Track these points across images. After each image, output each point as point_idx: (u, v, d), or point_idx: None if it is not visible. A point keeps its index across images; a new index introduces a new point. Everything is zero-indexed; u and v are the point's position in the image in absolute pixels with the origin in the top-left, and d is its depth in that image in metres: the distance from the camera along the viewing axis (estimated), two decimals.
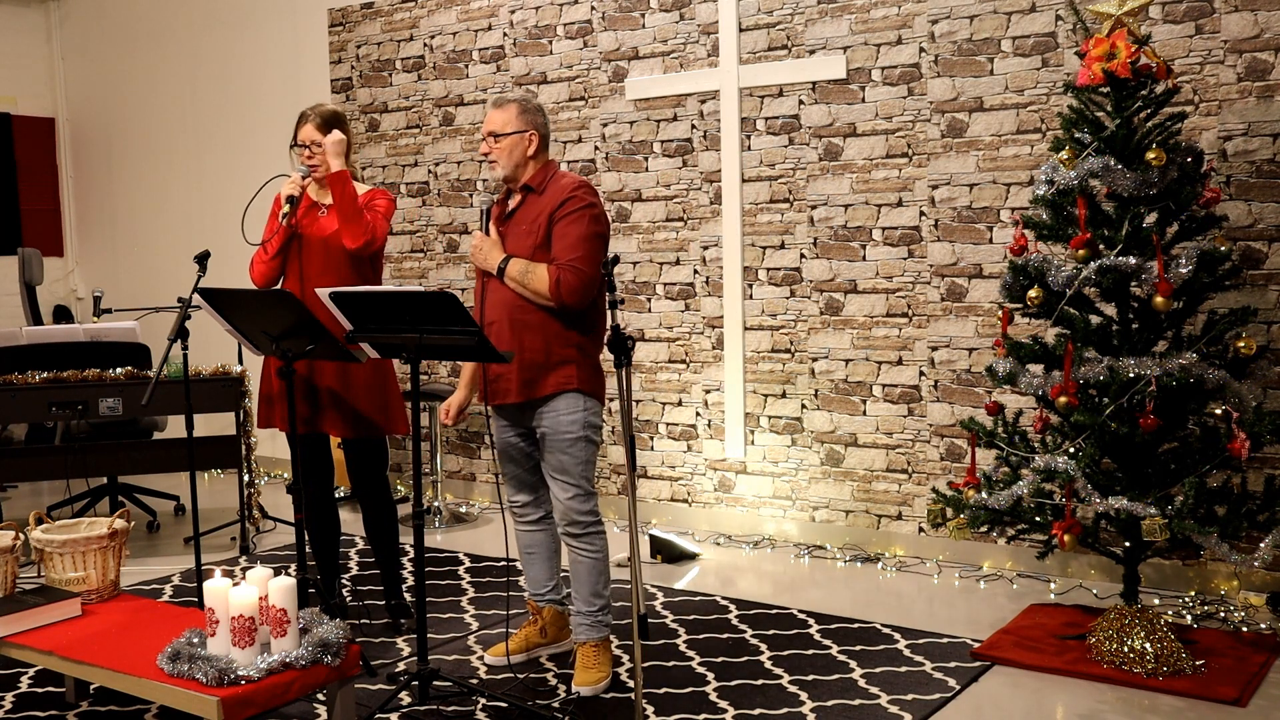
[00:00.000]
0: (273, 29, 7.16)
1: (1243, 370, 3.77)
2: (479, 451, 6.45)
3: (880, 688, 3.65)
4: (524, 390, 3.63)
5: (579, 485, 3.67)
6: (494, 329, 3.64)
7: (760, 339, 5.44)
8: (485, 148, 3.70)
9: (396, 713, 3.52)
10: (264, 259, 4.09)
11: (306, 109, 4.14)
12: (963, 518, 3.89)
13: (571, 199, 3.61)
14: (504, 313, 3.63)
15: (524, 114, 3.68)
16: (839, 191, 5.19)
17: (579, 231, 3.58)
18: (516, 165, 3.69)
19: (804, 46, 5.23)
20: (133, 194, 8.11)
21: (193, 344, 4.10)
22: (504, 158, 3.67)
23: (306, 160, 4.08)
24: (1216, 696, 3.49)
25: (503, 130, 3.66)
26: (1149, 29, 4.38)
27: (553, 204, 3.62)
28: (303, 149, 4.08)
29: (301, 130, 4.09)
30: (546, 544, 3.95)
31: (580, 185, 3.67)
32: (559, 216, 3.59)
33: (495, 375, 3.68)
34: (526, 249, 3.63)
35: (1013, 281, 3.94)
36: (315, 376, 4.08)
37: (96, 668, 3.08)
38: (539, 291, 3.57)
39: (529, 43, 6.07)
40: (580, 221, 3.59)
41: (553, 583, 3.99)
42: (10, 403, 5.17)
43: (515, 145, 3.67)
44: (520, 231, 3.66)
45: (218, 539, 5.70)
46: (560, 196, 3.62)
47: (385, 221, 4.12)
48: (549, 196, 3.65)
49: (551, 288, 3.54)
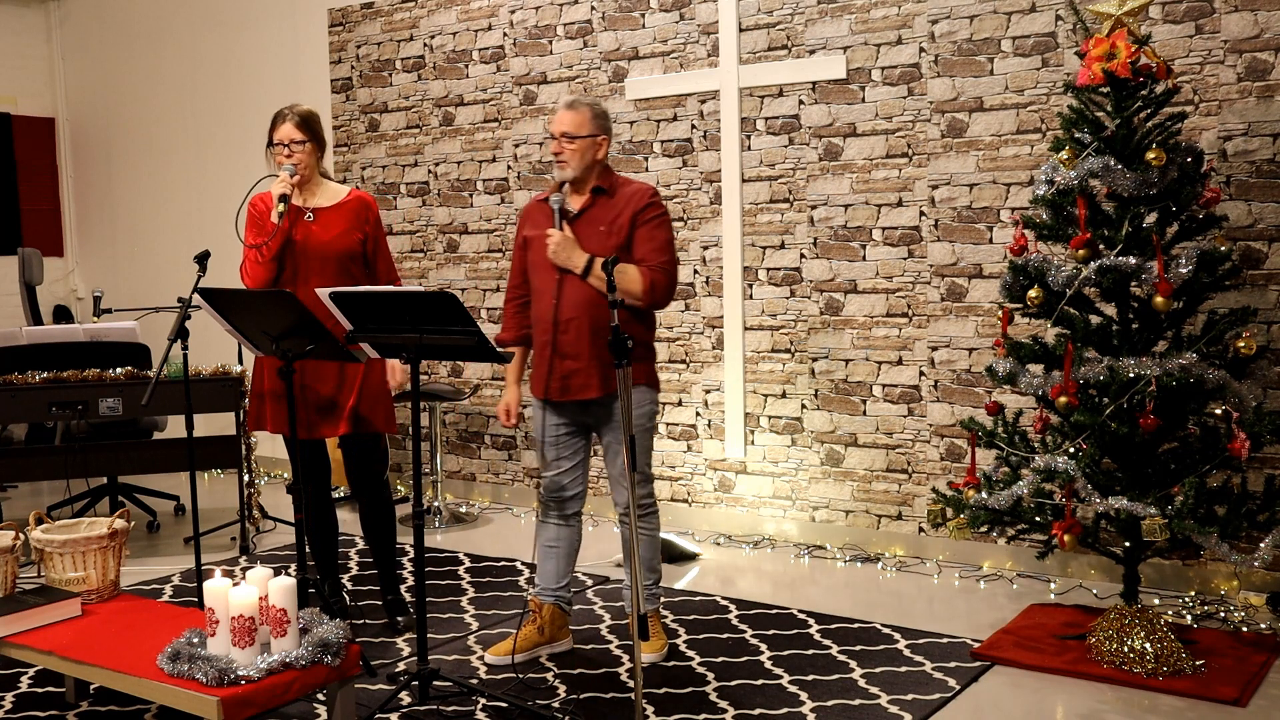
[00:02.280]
0: (273, 29, 7.16)
1: (1243, 370, 3.77)
2: (479, 451, 6.45)
3: (880, 688, 3.65)
4: (604, 385, 3.76)
5: (644, 471, 3.89)
6: (572, 325, 3.75)
7: (760, 339, 5.44)
8: (556, 147, 3.77)
9: (396, 713, 3.52)
10: (261, 261, 4.03)
11: (283, 108, 4.12)
12: (963, 518, 3.89)
13: (653, 204, 3.81)
14: (583, 310, 3.72)
15: (597, 118, 3.80)
16: (839, 191, 5.19)
17: (665, 236, 3.81)
18: (586, 167, 3.79)
19: (804, 46, 5.23)
20: (133, 194, 8.11)
21: (193, 344, 4.10)
22: (576, 159, 3.77)
23: (286, 159, 4.05)
24: (1216, 696, 3.49)
25: (577, 132, 3.76)
26: (1149, 29, 4.38)
27: (633, 207, 3.78)
28: (281, 148, 4.06)
29: (280, 129, 4.07)
30: (570, 541, 4.00)
31: (655, 191, 3.87)
32: (644, 220, 3.78)
33: (569, 371, 3.77)
34: (609, 249, 3.73)
35: (1013, 281, 3.94)
36: (309, 379, 4.07)
37: (96, 668, 3.08)
38: (629, 291, 3.70)
39: (529, 43, 6.07)
40: (664, 227, 3.82)
41: (564, 581, 4.03)
42: (10, 403, 5.17)
43: (588, 148, 3.78)
44: (598, 232, 3.77)
45: (218, 539, 5.70)
46: (639, 200, 3.79)
47: None
48: (622, 199, 3.80)
49: (646, 289, 3.73)
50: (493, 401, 6.37)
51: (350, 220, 4.12)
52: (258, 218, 4.10)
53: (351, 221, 4.12)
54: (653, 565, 3.98)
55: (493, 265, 6.30)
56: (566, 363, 3.77)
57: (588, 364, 3.75)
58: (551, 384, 3.80)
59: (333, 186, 4.20)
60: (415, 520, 3.53)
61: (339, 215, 4.12)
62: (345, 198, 4.16)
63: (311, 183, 4.15)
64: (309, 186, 4.14)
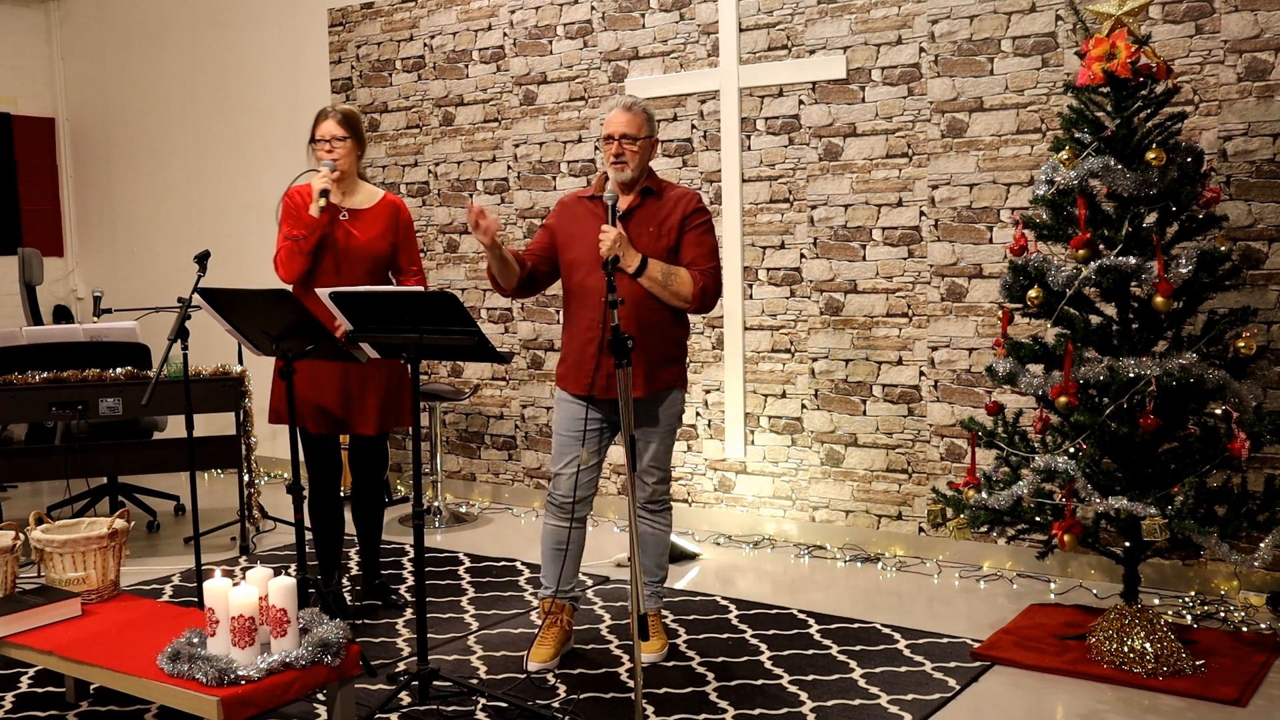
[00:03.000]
0: (273, 29, 7.16)
1: (1243, 370, 3.76)
2: (479, 451, 6.45)
3: (880, 688, 3.65)
4: (648, 385, 3.80)
5: (667, 470, 3.93)
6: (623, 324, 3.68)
7: (760, 339, 5.44)
8: (617, 148, 3.76)
9: (396, 713, 3.52)
10: (299, 252, 4.10)
11: (326, 106, 4.26)
12: (963, 518, 3.89)
13: (701, 209, 3.86)
14: (630, 309, 3.71)
15: (650, 120, 3.84)
16: (839, 191, 5.19)
17: (712, 241, 3.86)
18: (641, 169, 3.81)
19: (804, 46, 5.23)
20: (133, 194, 8.11)
21: (193, 344, 4.11)
22: (635, 161, 3.78)
23: (326, 154, 4.15)
24: (1216, 696, 3.49)
25: (638, 134, 3.78)
26: (1149, 29, 4.38)
27: (681, 210, 3.82)
28: (323, 144, 4.16)
29: (322, 125, 4.18)
30: (579, 542, 4.00)
31: (699, 195, 3.93)
32: (692, 224, 3.82)
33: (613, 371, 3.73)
34: (659, 251, 3.77)
35: (1013, 281, 3.94)
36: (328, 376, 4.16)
37: (96, 668, 3.08)
38: (679, 293, 3.75)
39: (529, 43, 6.07)
40: (711, 232, 3.87)
41: (575, 579, 4.04)
42: (10, 403, 5.17)
43: (645, 150, 3.81)
44: (648, 233, 3.79)
45: (218, 539, 5.70)
46: (687, 204, 3.83)
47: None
48: (670, 202, 3.83)
49: (696, 293, 3.77)
50: (493, 401, 6.37)
51: (384, 225, 4.25)
52: (294, 210, 4.16)
53: (386, 226, 4.25)
54: (662, 563, 4.01)
55: None
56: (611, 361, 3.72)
57: (636, 364, 3.75)
58: (597, 381, 3.79)
59: (368, 188, 4.31)
60: (415, 520, 3.53)
61: (374, 218, 4.24)
62: (380, 201, 4.28)
63: (350, 181, 4.24)
64: (347, 185, 4.23)
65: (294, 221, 4.14)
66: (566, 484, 3.89)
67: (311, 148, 4.22)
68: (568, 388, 3.89)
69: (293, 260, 4.12)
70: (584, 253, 3.81)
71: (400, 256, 4.30)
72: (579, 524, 3.95)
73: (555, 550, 3.95)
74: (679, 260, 3.80)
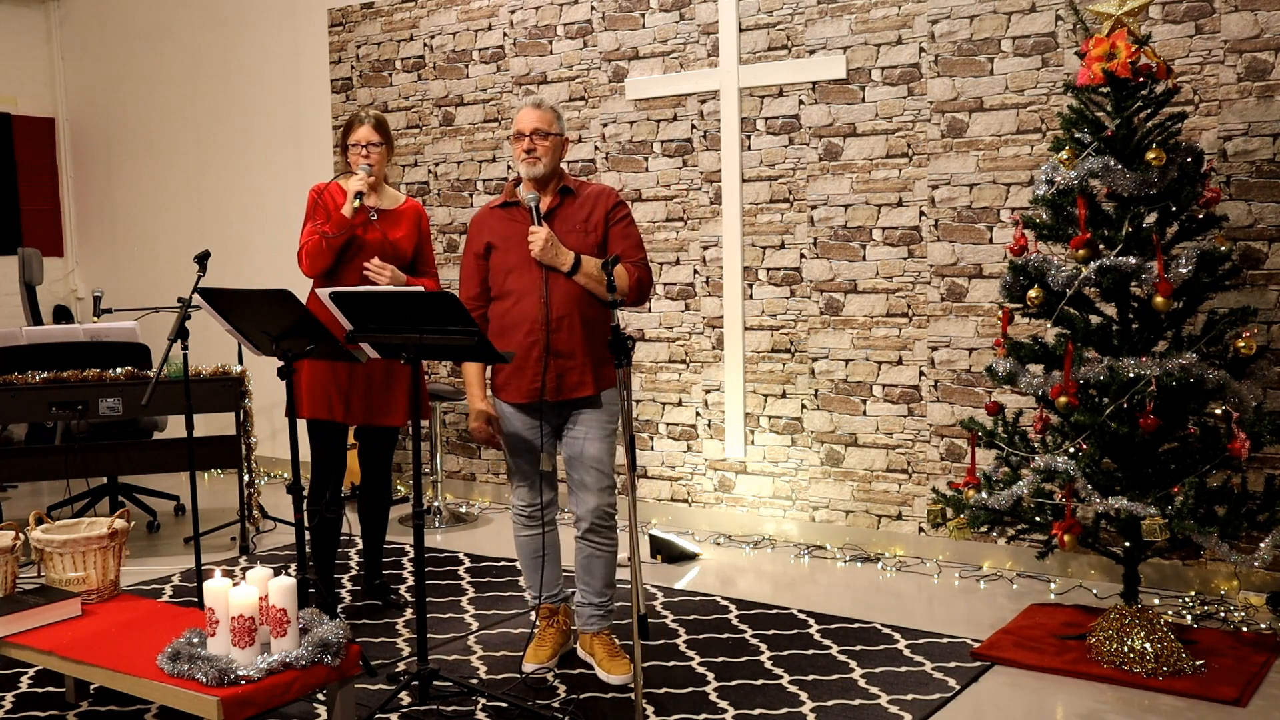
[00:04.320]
0: (273, 29, 7.16)
1: (1243, 370, 3.76)
2: (479, 451, 6.44)
3: (880, 688, 3.65)
4: (597, 384, 3.76)
5: (610, 478, 3.80)
6: (564, 323, 3.70)
7: (760, 339, 5.44)
8: (528, 144, 3.74)
9: (396, 713, 3.52)
10: (328, 248, 4.16)
11: (359, 111, 4.38)
12: (963, 518, 3.89)
13: (620, 203, 3.86)
14: (573, 307, 3.70)
15: (559, 119, 3.83)
16: (839, 191, 5.19)
17: (637, 234, 3.87)
18: (555, 165, 3.80)
19: (804, 46, 5.23)
20: (133, 194, 8.11)
21: (193, 344, 4.11)
22: (548, 156, 3.76)
23: (363, 159, 4.26)
24: (1216, 696, 3.49)
25: (549, 129, 3.77)
26: (1149, 29, 4.38)
27: (603, 206, 3.81)
28: (359, 148, 4.27)
29: (358, 131, 4.30)
30: (554, 545, 3.95)
31: (615, 190, 3.92)
32: (616, 218, 3.82)
33: (564, 370, 3.71)
34: (588, 248, 3.76)
35: (1013, 281, 3.94)
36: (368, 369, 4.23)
37: (96, 668, 3.08)
38: (619, 289, 3.69)
39: (529, 43, 6.07)
40: (634, 225, 3.87)
41: (559, 582, 4.01)
42: (10, 403, 5.17)
43: (557, 146, 3.80)
44: (574, 230, 3.77)
45: (218, 539, 5.70)
46: (607, 199, 3.83)
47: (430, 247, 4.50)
48: (589, 199, 3.83)
49: (632, 284, 3.75)
50: None
51: (409, 226, 4.37)
52: (325, 206, 4.23)
53: (410, 228, 4.37)
54: (610, 582, 3.86)
55: None
56: (561, 361, 3.70)
57: (582, 362, 3.71)
58: (546, 384, 3.71)
59: (392, 191, 4.46)
60: (415, 520, 3.53)
61: (399, 220, 4.36)
62: (404, 204, 4.41)
63: (379, 185, 4.36)
64: (376, 187, 4.35)
65: (324, 216, 4.21)
66: (528, 494, 3.87)
67: (349, 153, 4.31)
68: (509, 397, 3.78)
69: (320, 256, 4.19)
70: (513, 257, 3.75)
71: (419, 261, 4.41)
72: (550, 529, 3.92)
73: (533, 559, 3.93)
74: (605, 254, 3.75)
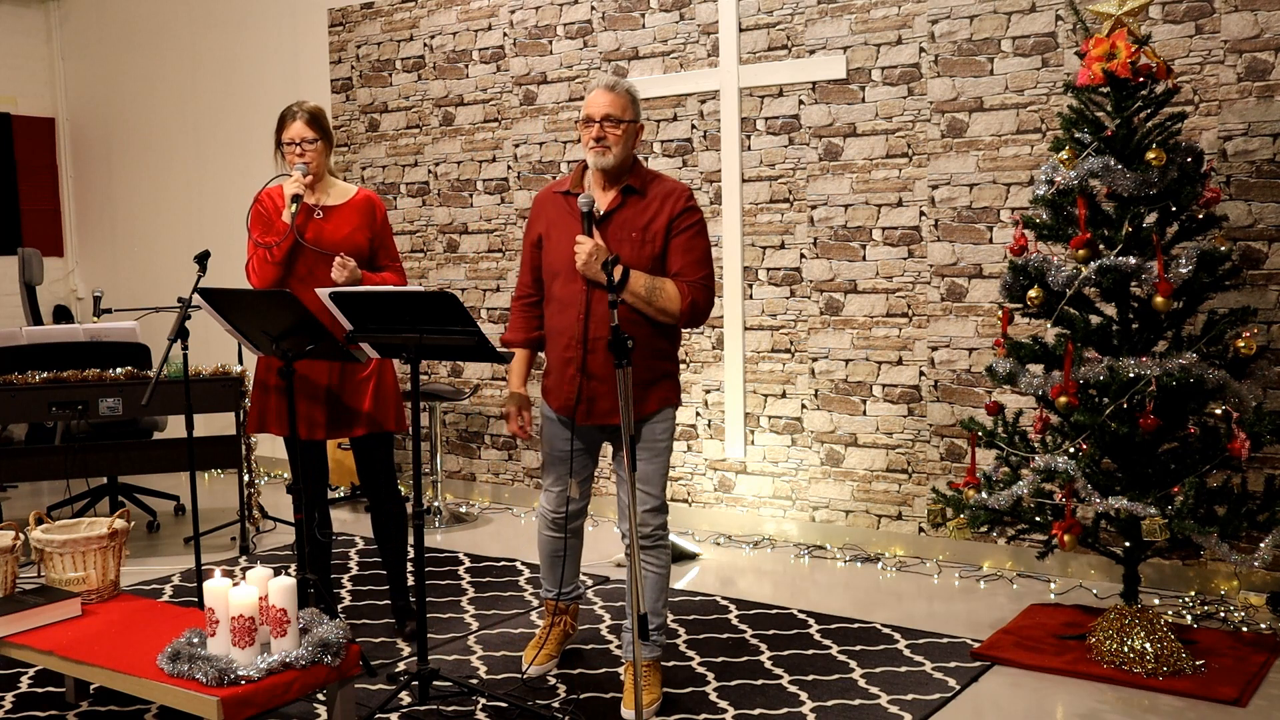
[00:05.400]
0: (273, 29, 7.16)
1: (1243, 370, 3.76)
2: (479, 451, 6.45)
3: (880, 688, 3.65)
4: (636, 408, 3.46)
5: (659, 496, 3.52)
6: (601, 345, 3.41)
7: (760, 339, 5.44)
8: (598, 131, 3.41)
9: (396, 713, 3.51)
10: (271, 261, 3.95)
11: (291, 106, 4.06)
12: (963, 518, 3.89)
13: (690, 209, 3.46)
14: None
15: (636, 102, 3.51)
16: (839, 191, 5.19)
17: (704, 246, 3.45)
18: (626, 156, 3.47)
19: (804, 46, 5.23)
20: (133, 194, 8.11)
21: (193, 344, 4.10)
22: (619, 145, 3.43)
23: (298, 158, 3.99)
24: (1216, 696, 3.49)
25: (622, 115, 3.44)
26: (1149, 29, 4.38)
27: (668, 211, 3.43)
28: (293, 146, 4.00)
29: (291, 128, 4.01)
30: (575, 548, 3.85)
31: (689, 191, 3.50)
32: (681, 227, 3.43)
33: (596, 394, 3.46)
34: (643, 260, 3.40)
35: (1013, 281, 3.94)
36: (315, 380, 4.02)
37: (96, 668, 3.08)
38: (664, 309, 3.39)
39: (529, 43, 6.07)
40: (703, 234, 3.47)
41: (576, 580, 3.93)
42: (10, 403, 5.17)
43: (630, 134, 3.47)
44: (630, 239, 3.42)
45: (218, 539, 5.70)
46: (675, 204, 3.44)
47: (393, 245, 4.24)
48: (656, 200, 3.46)
49: (685, 309, 3.39)
50: (493, 401, 6.37)
51: (359, 219, 4.07)
52: (265, 215, 4.04)
53: (361, 220, 4.07)
54: (656, 609, 3.57)
55: (492, 265, 6.30)
56: (594, 384, 3.46)
57: (613, 388, 3.42)
58: (578, 406, 3.50)
59: (340, 185, 4.15)
60: (415, 520, 3.53)
61: (349, 214, 4.07)
62: (354, 197, 4.11)
63: (321, 180, 4.09)
64: (319, 184, 4.08)
65: (264, 227, 4.01)
66: (556, 500, 3.74)
67: (278, 152, 4.06)
68: (550, 402, 3.61)
69: (265, 269, 3.96)
70: (561, 259, 3.49)
71: (380, 254, 4.12)
72: (575, 534, 3.83)
73: (554, 558, 3.85)
74: (666, 269, 3.44)
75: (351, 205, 4.10)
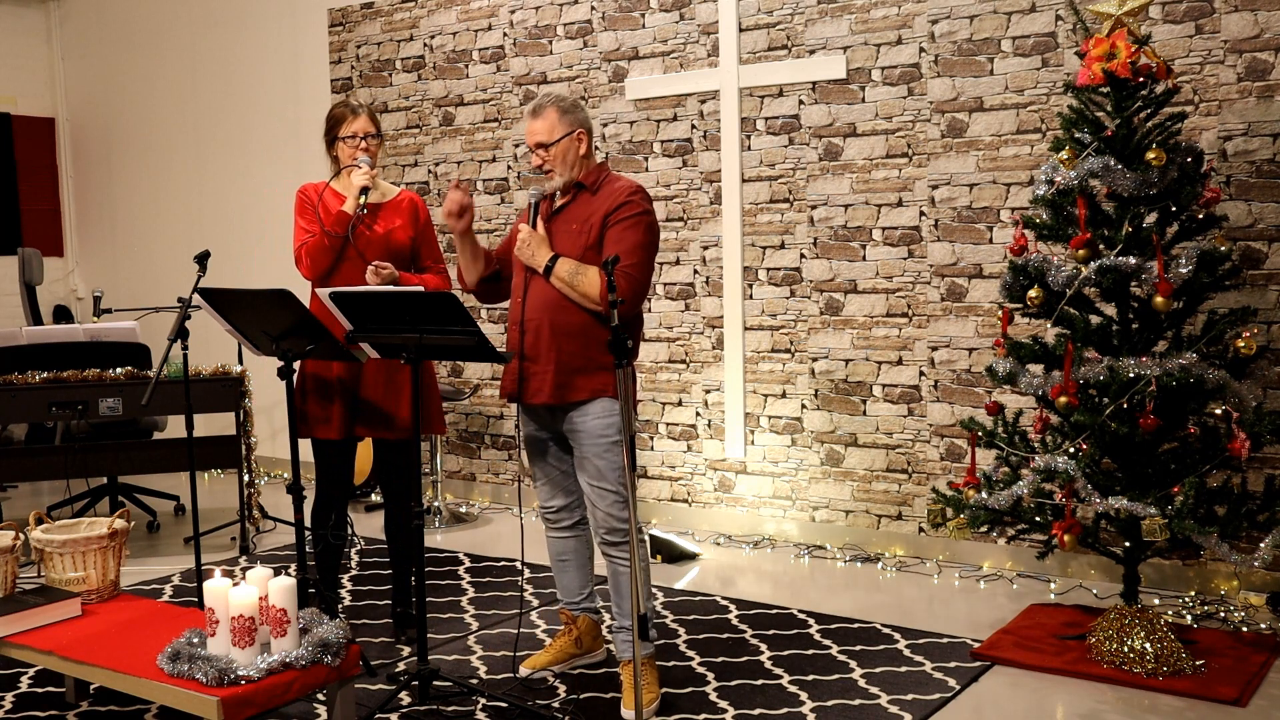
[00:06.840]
0: (273, 29, 7.16)
1: (1243, 370, 3.76)
2: (479, 451, 6.45)
3: (880, 688, 3.65)
4: (557, 393, 3.51)
5: (616, 491, 3.52)
6: (532, 327, 3.54)
7: (760, 339, 5.44)
8: (537, 160, 3.57)
9: (396, 713, 3.52)
10: (333, 248, 3.97)
11: (349, 101, 4.14)
12: (963, 518, 3.89)
13: (628, 204, 3.52)
14: (545, 314, 3.51)
15: (565, 115, 3.56)
16: (839, 191, 5.19)
17: (635, 238, 3.49)
18: (572, 168, 3.58)
19: (804, 46, 5.23)
20: (133, 194, 8.11)
21: (193, 344, 4.10)
22: (559, 165, 3.56)
23: (361, 151, 4.03)
24: (1216, 696, 3.49)
25: (550, 139, 3.54)
26: (1149, 29, 4.38)
27: (607, 205, 3.52)
28: (356, 140, 4.04)
29: (355, 123, 4.04)
30: (580, 551, 3.85)
31: (636, 190, 3.56)
32: (614, 220, 3.50)
33: (529, 374, 3.55)
34: (577, 249, 3.52)
35: (1013, 281, 3.94)
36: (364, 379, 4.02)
37: (96, 668, 3.08)
38: (587, 294, 3.46)
39: (529, 43, 6.07)
40: (636, 228, 3.51)
41: (586, 590, 3.89)
42: (10, 403, 5.17)
43: (568, 149, 3.56)
44: (570, 230, 3.55)
45: (218, 539, 5.70)
46: (615, 199, 3.53)
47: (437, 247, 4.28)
48: (602, 197, 3.56)
49: (602, 292, 3.41)
50: (493, 401, 6.37)
51: (402, 218, 4.12)
52: (309, 206, 4.04)
53: (403, 220, 4.12)
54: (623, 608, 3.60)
55: None
56: (527, 364, 3.56)
57: (543, 368, 3.51)
58: (518, 385, 3.60)
59: (384, 184, 4.20)
60: (415, 520, 3.53)
61: (390, 213, 4.12)
62: (396, 196, 4.16)
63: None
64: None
65: (311, 216, 4.03)
66: (543, 491, 3.80)
67: (339, 145, 4.08)
68: (503, 386, 3.70)
69: (323, 254, 3.97)
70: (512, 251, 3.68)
71: (422, 251, 4.18)
72: (571, 532, 3.82)
73: (557, 561, 3.86)
74: (601, 258, 3.47)
75: (394, 204, 4.15)
